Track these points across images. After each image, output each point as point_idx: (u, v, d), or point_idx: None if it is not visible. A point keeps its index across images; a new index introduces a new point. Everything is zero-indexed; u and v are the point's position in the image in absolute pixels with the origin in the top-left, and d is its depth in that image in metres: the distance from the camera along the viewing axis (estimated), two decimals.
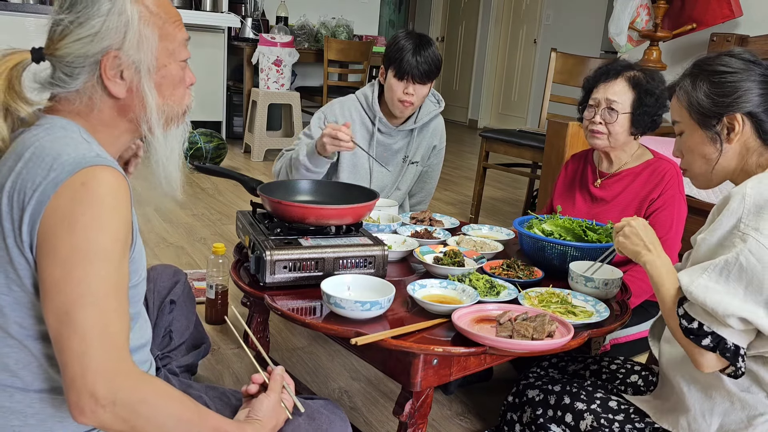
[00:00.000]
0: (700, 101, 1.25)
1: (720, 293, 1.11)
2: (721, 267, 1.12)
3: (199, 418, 0.97)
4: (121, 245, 0.93)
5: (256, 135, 5.07)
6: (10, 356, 0.95)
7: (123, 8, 0.98)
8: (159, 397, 0.94)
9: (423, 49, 2.11)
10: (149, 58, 1.01)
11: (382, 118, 2.26)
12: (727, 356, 1.13)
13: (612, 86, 1.91)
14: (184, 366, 1.60)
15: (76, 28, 0.97)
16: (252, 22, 5.52)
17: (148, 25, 1.01)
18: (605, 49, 6.33)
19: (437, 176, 2.51)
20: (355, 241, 1.54)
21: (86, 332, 0.88)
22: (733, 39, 3.41)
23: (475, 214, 3.80)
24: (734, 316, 1.10)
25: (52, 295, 0.89)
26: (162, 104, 1.05)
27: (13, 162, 0.93)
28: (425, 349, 1.26)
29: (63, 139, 0.95)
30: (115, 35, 0.98)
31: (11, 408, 0.96)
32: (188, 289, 1.66)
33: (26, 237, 0.90)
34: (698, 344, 1.15)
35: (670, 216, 1.91)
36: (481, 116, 8.37)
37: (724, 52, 1.27)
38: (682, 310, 1.18)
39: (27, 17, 4.38)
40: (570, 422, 1.37)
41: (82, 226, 0.89)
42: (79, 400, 0.87)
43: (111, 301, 0.91)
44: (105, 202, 0.91)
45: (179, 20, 1.07)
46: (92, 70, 0.99)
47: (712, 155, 1.26)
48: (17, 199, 0.90)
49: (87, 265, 0.89)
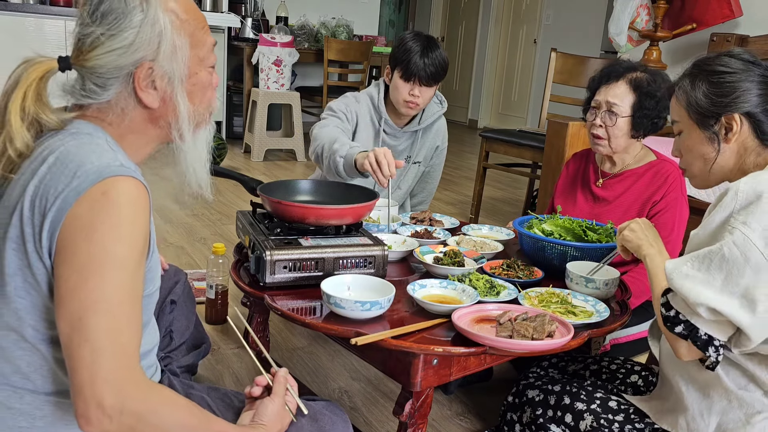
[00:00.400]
0: (698, 101, 1.26)
1: (696, 281, 1.13)
2: (704, 255, 1.14)
3: (205, 425, 0.97)
4: (137, 255, 0.93)
5: (256, 135, 5.08)
6: (23, 359, 0.95)
7: (156, 18, 0.97)
8: (166, 406, 0.94)
9: (431, 51, 2.11)
10: (182, 67, 1.01)
11: (388, 120, 2.26)
12: (698, 344, 1.15)
13: (613, 88, 1.91)
14: (185, 366, 1.60)
15: (107, 40, 0.96)
16: (252, 22, 5.53)
17: (180, 34, 1.00)
18: (605, 49, 6.33)
19: (439, 176, 2.51)
20: (355, 241, 1.54)
21: (97, 340, 0.88)
22: (733, 39, 3.41)
23: (475, 214, 3.80)
24: (704, 305, 1.12)
25: (67, 301, 0.89)
26: (193, 111, 1.05)
27: (37, 165, 0.93)
28: (425, 349, 1.26)
29: (88, 145, 0.94)
30: (148, 46, 0.97)
31: (20, 409, 0.96)
32: (188, 289, 1.66)
33: (45, 243, 0.90)
34: (672, 331, 1.18)
35: (672, 218, 1.91)
36: (481, 116, 8.38)
37: (723, 52, 1.27)
38: (664, 298, 1.21)
39: (27, 17, 4.38)
40: (570, 422, 1.37)
41: (100, 235, 0.89)
42: (87, 409, 0.87)
43: (124, 310, 0.91)
44: (123, 212, 0.91)
45: (206, 24, 1.07)
46: (125, 82, 0.98)
47: (709, 155, 1.27)
48: (39, 204, 0.90)
49: (103, 274, 0.89)
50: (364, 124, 2.25)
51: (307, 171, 4.86)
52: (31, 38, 4.35)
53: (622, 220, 1.93)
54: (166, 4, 1.00)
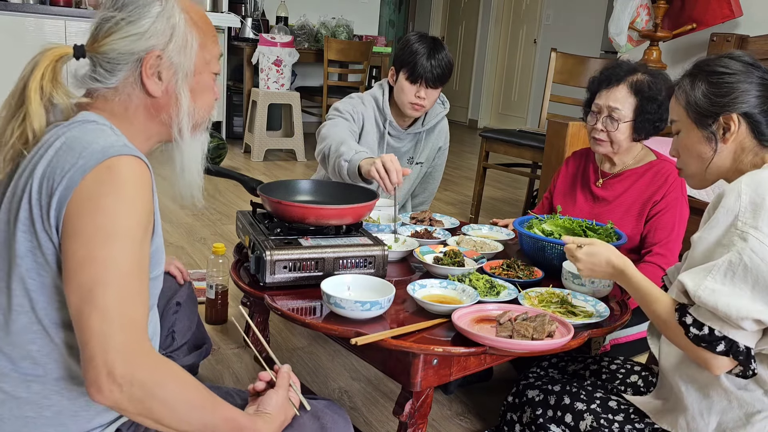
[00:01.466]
0: (697, 100, 1.26)
1: (728, 295, 1.10)
2: (726, 268, 1.12)
3: (212, 407, 0.97)
4: (143, 229, 0.95)
5: (256, 135, 5.08)
6: (34, 342, 0.96)
7: (172, 13, 1.04)
8: (175, 381, 0.94)
9: (437, 52, 2.11)
10: (189, 63, 1.06)
11: (392, 122, 2.26)
12: (740, 359, 1.13)
13: (614, 93, 1.90)
14: (186, 366, 1.60)
15: (125, 26, 1.02)
16: (252, 22, 5.52)
17: (191, 33, 1.06)
18: (605, 49, 6.33)
19: (440, 176, 2.52)
20: (355, 241, 1.54)
21: (108, 310, 0.89)
22: (733, 39, 3.41)
23: (475, 214, 3.80)
24: (748, 318, 1.10)
25: (75, 273, 0.90)
26: (193, 108, 1.09)
27: (44, 150, 0.96)
28: (425, 349, 1.26)
29: (94, 131, 0.98)
30: (161, 36, 1.03)
31: (27, 398, 0.97)
32: (191, 290, 1.66)
33: (53, 221, 0.92)
34: (713, 351, 1.13)
35: (672, 218, 1.91)
36: (481, 116, 8.37)
37: (724, 54, 1.28)
38: (690, 318, 1.16)
39: (27, 17, 4.38)
40: (570, 422, 1.37)
41: (105, 206, 0.91)
42: (97, 378, 0.88)
43: (133, 281, 0.92)
44: (128, 185, 0.94)
45: (216, 37, 1.14)
46: (133, 68, 1.03)
47: (706, 154, 1.27)
48: (47, 185, 0.93)
49: (110, 245, 0.91)
50: (370, 126, 2.25)
51: (307, 171, 4.86)
52: (31, 38, 4.35)
53: (622, 220, 1.94)
54: (183, 5, 1.07)
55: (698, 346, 1.15)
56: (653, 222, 1.91)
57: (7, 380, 0.96)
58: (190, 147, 1.12)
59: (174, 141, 1.10)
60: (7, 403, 0.96)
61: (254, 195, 1.69)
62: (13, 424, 0.96)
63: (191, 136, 1.11)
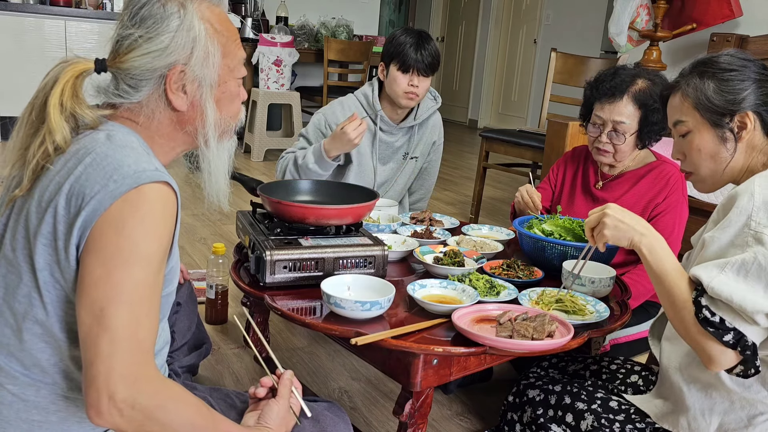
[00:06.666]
0: (711, 99, 1.23)
1: (743, 291, 1.09)
2: (739, 266, 1.11)
3: (212, 425, 0.98)
4: (162, 253, 0.95)
5: (256, 135, 5.08)
6: (44, 351, 0.97)
7: (191, 24, 1.02)
8: (176, 403, 0.94)
9: (425, 42, 2.17)
10: (212, 74, 1.04)
11: (384, 116, 2.27)
12: (747, 354, 1.11)
13: (618, 107, 1.87)
14: (186, 366, 1.60)
15: (144, 43, 1.00)
16: (252, 22, 5.52)
17: (213, 43, 1.04)
18: (605, 49, 6.32)
19: (436, 172, 2.53)
20: (355, 241, 1.54)
21: (117, 331, 0.89)
22: (733, 39, 3.41)
23: (475, 214, 3.80)
24: (762, 312, 1.08)
25: (90, 290, 0.90)
26: (219, 119, 1.08)
27: (74, 164, 0.95)
28: (425, 349, 1.26)
29: (124, 149, 0.97)
30: (182, 51, 1.01)
31: (35, 402, 0.97)
32: (191, 290, 1.66)
33: (75, 239, 0.92)
34: (719, 339, 1.11)
35: (673, 219, 1.91)
36: (481, 116, 8.37)
37: (720, 53, 1.26)
38: (705, 300, 1.13)
39: (27, 17, 4.38)
40: (570, 422, 1.37)
41: (130, 229, 0.91)
42: (98, 401, 0.88)
43: (144, 306, 0.92)
44: (155, 213, 0.93)
45: (239, 38, 1.11)
46: (157, 84, 1.02)
47: (722, 155, 1.24)
48: (75, 203, 0.92)
49: (128, 267, 0.90)
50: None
51: None
52: (31, 38, 4.34)
53: None
54: (203, 14, 1.04)
55: (705, 329, 1.12)
56: (653, 223, 1.89)
57: (17, 383, 0.97)
58: (218, 155, 1.11)
59: (200, 150, 1.09)
60: (14, 405, 0.96)
61: (254, 195, 1.69)
62: (19, 428, 0.96)
63: (218, 144, 1.10)
